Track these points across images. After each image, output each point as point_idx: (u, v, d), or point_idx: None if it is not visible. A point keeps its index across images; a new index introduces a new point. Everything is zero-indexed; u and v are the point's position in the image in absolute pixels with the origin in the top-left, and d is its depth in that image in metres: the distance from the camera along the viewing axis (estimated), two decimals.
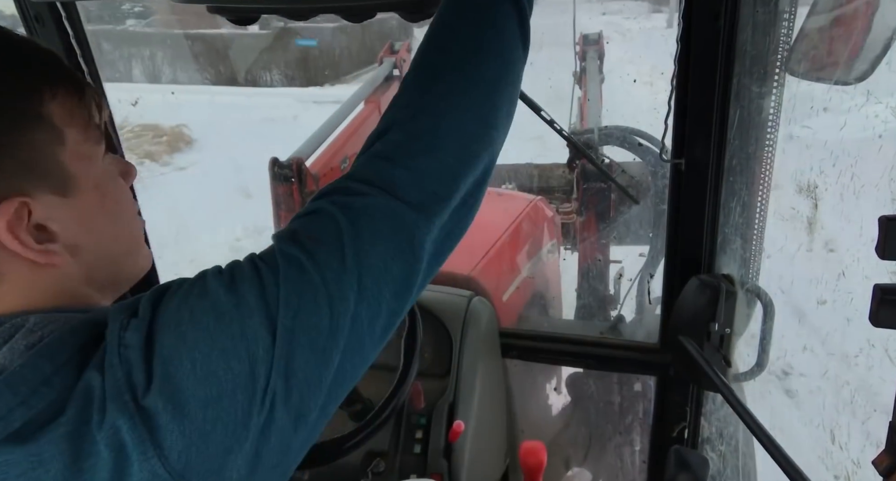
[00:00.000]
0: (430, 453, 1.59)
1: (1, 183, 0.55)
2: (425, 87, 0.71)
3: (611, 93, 4.16)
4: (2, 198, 0.55)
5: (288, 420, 0.57)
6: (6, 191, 0.55)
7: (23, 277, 0.59)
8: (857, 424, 3.33)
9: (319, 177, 2.95)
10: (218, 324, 0.56)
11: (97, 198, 0.63)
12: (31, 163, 0.56)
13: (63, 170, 0.59)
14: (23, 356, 0.53)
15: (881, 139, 3.90)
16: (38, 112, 0.57)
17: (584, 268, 3.11)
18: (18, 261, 0.58)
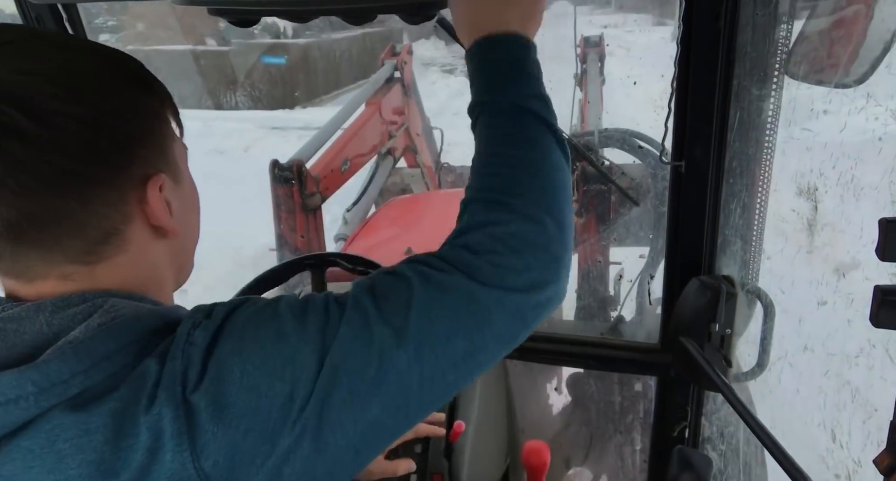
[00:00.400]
0: (430, 453, 1.60)
1: (151, 162, 0.68)
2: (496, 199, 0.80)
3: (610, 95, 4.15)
4: (153, 173, 0.68)
5: (314, 450, 0.61)
6: (154, 169, 0.69)
7: (141, 248, 0.69)
8: (858, 423, 3.33)
9: (320, 179, 2.96)
10: (275, 345, 0.62)
11: (191, 191, 0.78)
12: (163, 151, 0.71)
13: (176, 161, 0.73)
14: (93, 332, 0.60)
15: (881, 141, 3.91)
16: (164, 115, 0.72)
17: (585, 269, 3.11)
18: (145, 232, 0.69)
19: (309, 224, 2.96)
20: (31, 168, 0.59)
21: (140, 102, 0.68)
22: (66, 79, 0.62)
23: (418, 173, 4.20)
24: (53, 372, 0.56)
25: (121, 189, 0.65)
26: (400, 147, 3.87)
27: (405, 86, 4.08)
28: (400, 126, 3.85)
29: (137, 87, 0.69)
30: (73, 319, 0.61)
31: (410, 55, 4.19)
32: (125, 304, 0.64)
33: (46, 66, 0.62)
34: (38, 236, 0.62)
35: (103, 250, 0.66)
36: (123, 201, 0.66)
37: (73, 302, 0.63)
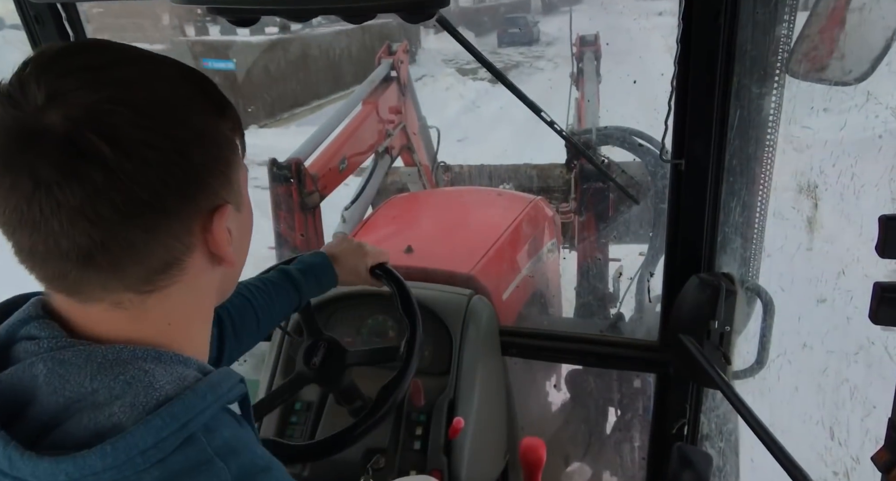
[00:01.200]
0: (429, 450, 1.60)
1: (218, 193, 0.67)
2: None
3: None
4: (220, 204, 0.68)
5: None
6: (221, 199, 0.68)
7: (195, 277, 0.69)
8: (857, 421, 3.33)
9: (318, 178, 2.95)
10: None
11: (249, 218, 0.78)
12: (231, 179, 0.70)
13: (240, 190, 0.73)
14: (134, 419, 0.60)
15: (881, 139, 3.91)
16: (234, 141, 0.71)
17: (584, 266, 3.12)
18: (202, 261, 0.69)
19: (308, 222, 2.96)
20: (108, 197, 0.59)
21: (214, 129, 0.67)
22: (149, 107, 0.61)
23: (415, 172, 4.20)
24: (89, 465, 0.57)
25: (187, 220, 0.65)
26: (397, 146, 3.87)
27: (402, 84, 4.07)
28: (397, 125, 3.84)
29: (213, 113, 0.68)
30: (116, 381, 0.61)
31: (407, 54, 4.18)
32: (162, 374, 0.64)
33: (134, 93, 0.61)
34: (104, 263, 0.61)
35: (160, 280, 0.66)
36: (188, 232, 0.66)
37: (120, 360, 0.63)
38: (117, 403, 0.60)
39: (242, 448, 0.66)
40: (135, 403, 0.60)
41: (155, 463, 0.59)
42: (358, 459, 1.56)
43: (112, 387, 0.61)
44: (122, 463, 0.57)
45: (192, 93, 0.67)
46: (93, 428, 0.59)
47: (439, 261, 2.04)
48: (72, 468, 0.56)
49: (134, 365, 0.63)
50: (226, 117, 0.70)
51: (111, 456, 0.57)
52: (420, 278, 1.89)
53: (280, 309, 1.35)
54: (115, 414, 0.59)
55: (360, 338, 1.83)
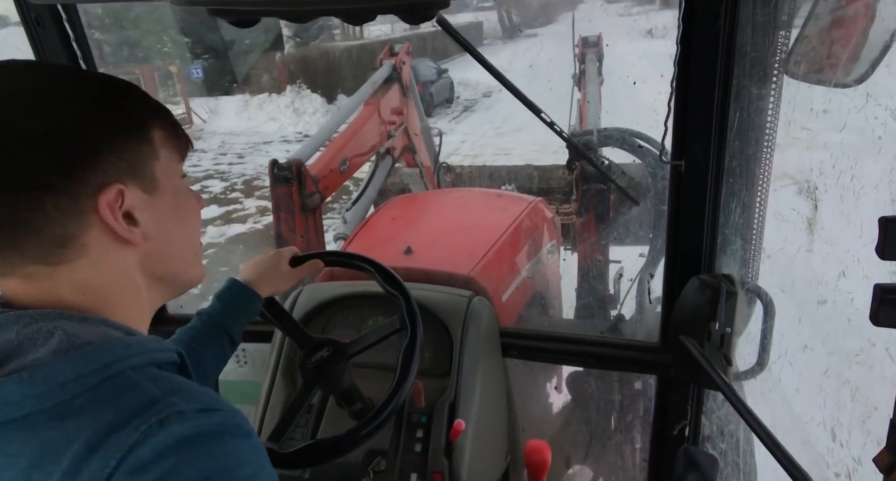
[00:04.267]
0: (430, 452, 1.60)
1: (111, 174, 0.72)
2: None
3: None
4: (108, 184, 0.72)
5: None
6: (112, 180, 0.72)
7: (102, 254, 0.74)
8: (858, 422, 3.33)
9: (319, 179, 2.95)
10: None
11: (171, 201, 0.82)
12: (133, 165, 0.75)
13: (152, 175, 0.78)
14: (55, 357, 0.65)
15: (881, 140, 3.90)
16: (147, 135, 0.78)
17: (584, 268, 3.12)
18: (105, 238, 0.74)
19: (308, 223, 2.96)
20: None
21: (106, 120, 0.73)
22: (38, 99, 0.69)
23: (417, 173, 4.20)
24: (7, 392, 0.62)
25: (75, 197, 0.70)
26: (398, 147, 3.87)
27: (403, 86, 4.08)
28: (398, 126, 3.85)
29: (108, 107, 0.74)
30: (38, 333, 0.67)
31: (408, 55, 4.19)
32: (86, 330, 0.69)
33: (25, 88, 0.69)
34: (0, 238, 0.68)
35: (62, 253, 0.71)
36: (79, 208, 0.71)
37: (44, 316, 0.69)
38: (41, 350, 0.66)
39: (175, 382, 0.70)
40: (57, 348, 0.66)
41: (77, 394, 0.63)
42: (359, 461, 1.56)
43: (35, 338, 0.66)
44: (41, 392, 0.62)
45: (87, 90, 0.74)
46: (16, 370, 0.64)
47: (439, 262, 2.04)
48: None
49: (57, 322, 0.68)
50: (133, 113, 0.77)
51: (28, 384, 0.62)
52: (420, 279, 1.89)
53: (214, 354, 1.30)
54: (39, 358, 0.65)
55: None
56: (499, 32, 28.94)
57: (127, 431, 0.61)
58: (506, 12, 29.62)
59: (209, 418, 0.64)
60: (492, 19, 29.15)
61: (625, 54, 8.10)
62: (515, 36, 27.82)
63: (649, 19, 20.93)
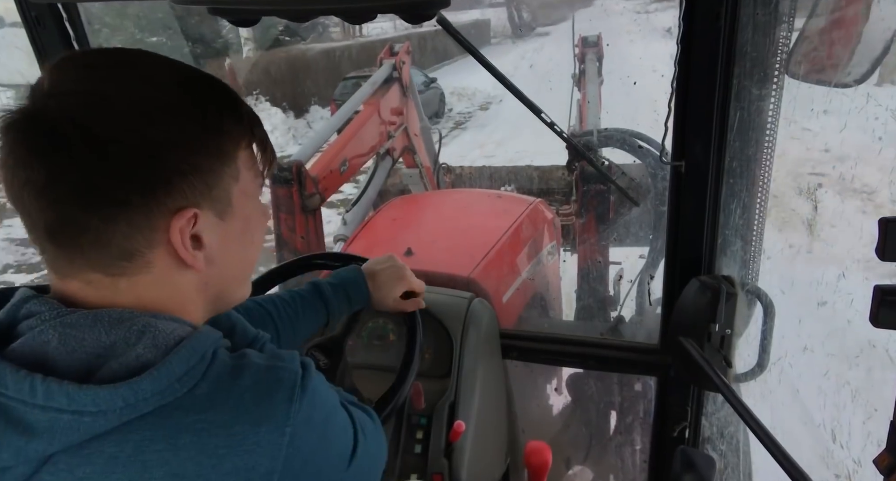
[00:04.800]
0: (430, 453, 1.59)
1: (188, 196, 0.70)
2: None
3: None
4: (184, 207, 0.70)
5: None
6: (189, 203, 0.71)
7: (165, 273, 0.73)
8: (858, 423, 3.33)
9: (319, 180, 2.95)
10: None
11: (242, 227, 0.80)
12: (211, 189, 0.73)
13: (228, 200, 0.76)
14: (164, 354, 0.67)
15: (881, 141, 3.90)
16: (232, 154, 0.75)
17: (584, 269, 3.11)
18: (169, 259, 0.72)
19: (308, 224, 2.96)
20: (68, 181, 0.65)
21: (196, 139, 0.71)
22: (129, 107, 0.67)
23: (416, 173, 4.19)
24: (142, 390, 0.64)
25: (149, 216, 0.69)
26: (398, 147, 3.86)
27: (403, 86, 4.07)
28: (398, 126, 3.84)
29: (200, 124, 0.71)
30: (129, 332, 0.68)
31: (409, 55, 4.18)
32: (170, 326, 0.71)
33: (119, 91, 0.67)
34: (65, 241, 0.68)
35: (126, 266, 0.70)
36: (150, 227, 0.69)
37: (125, 317, 0.69)
38: (138, 347, 0.67)
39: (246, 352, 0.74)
40: (156, 344, 0.68)
41: (193, 386, 0.67)
42: None
43: (128, 338, 0.67)
44: (164, 388, 0.65)
45: (183, 102, 0.71)
46: (125, 370, 0.65)
47: (439, 263, 2.04)
48: (128, 393, 0.63)
49: (139, 320, 0.69)
50: (221, 132, 0.73)
51: (158, 381, 0.65)
52: None
53: (305, 325, 1.31)
54: (141, 354, 0.67)
55: (360, 341, 1.82)
56: (508, 31, 27.45)
57: (281, 403, 0.69)
58: (516, 9, 27.58)
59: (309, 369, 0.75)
60: (501, 16, 27.77)
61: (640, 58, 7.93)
62: (526, 34, 26.38)
63: (668, 17, 19.80)
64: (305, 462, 0.70)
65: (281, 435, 0.68)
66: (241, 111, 0.76)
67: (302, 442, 0.69)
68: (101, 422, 0.63)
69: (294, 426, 0.69)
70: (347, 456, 0.78)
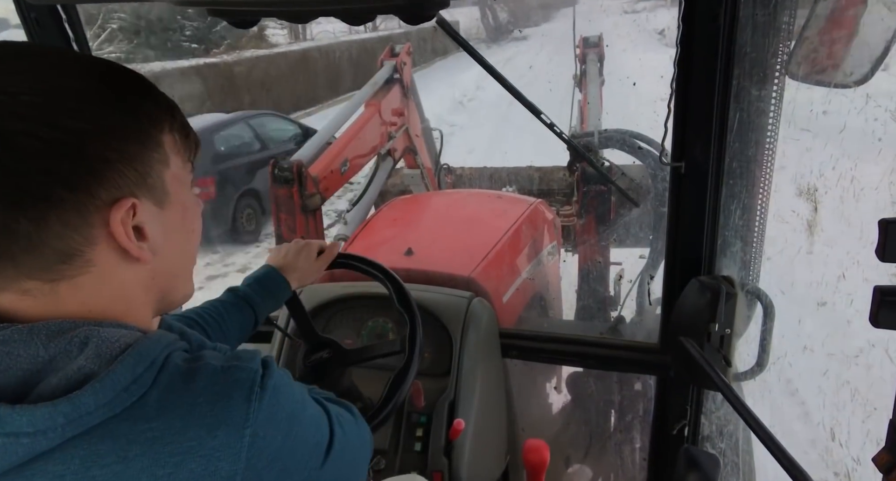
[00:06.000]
0: (430, 451, 1.60)
1: (122, 186, 0.67)
2: None
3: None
4: (121, 197, 0.67)
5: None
6: (124, 193, 0.67)
7: (107, 270, 0.69)
8: (858, 422, 3.33)
9: (319, 180, 2.96)
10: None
11: (181, 215, 0.77)
12: (144, 175, 0.70)
13: (163, 187, 0.73)
14: (109, 364, 0.63)
15: (881, 142, 3.90)
16: (157, 138, 0.71)
17: (585, 269, 3.12)
18: (112, 254, 0.69)
19: (309, 224, 2.96)
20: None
21: (118, 126, 0.67)
22: (39, 98, 0.62)
23: (417, 174, 4.20)
24: (84, 404, 0.60)
25: (82, 211, 0.65)
26: (399, 148, 3.87)
27: (404, 87, 4.08)
28: (399, 127, 3.84)
29: (119, 110, 0.68)
30: (70, 344, 0.64)
31: (410, 56, 4.19)
32: (116, 333, 0.67)
33: (23, 84, 0.63)
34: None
35: (64, 269, 0.66)
36: (85, 224, 0.65)
37: (65, 328, 0.65)
38: (80, 359, 0.63)
39: (202, 354, 0.70)
40: (99, 354, 0.64)
41: (143, 394, 0.63)
42: None
43: (69, 350, 0.63)
44: (111, 399, 0.61)
45: (96, 89, 0.67)
46: (65, 384, 0.61)
47: (439, 263, 2.05)
48: (69, 409, 0.59)
49: (81, 330, 0.65)
50: (143, 116, 0.70)
51: (101, 393, 0.61)
52: (420, 280, 1.89)
53: (234, 328, 1.33)
54: (84, 366, 0.62)
55: (360, 340, 1.83)
56: (482, 33, 23.81)
57: (238, 404, 0.66)
58: (489, 9, 24.20)
59: (270, 367, 0.72)
60: (473, 16, 24.07)
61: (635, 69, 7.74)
62: (502, 38, 23.78)
63: (658, 17, 18.49)
64: (271, 461, 0.68)
65: (240, 437, 0.65)
66: (157, 95, 0.73)
67: (265, 443, 0.67)
68: (42, 442, 0.59)
69: (254, 426, 0.66)
70: (321, 452, 0.76)
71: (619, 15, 19.25)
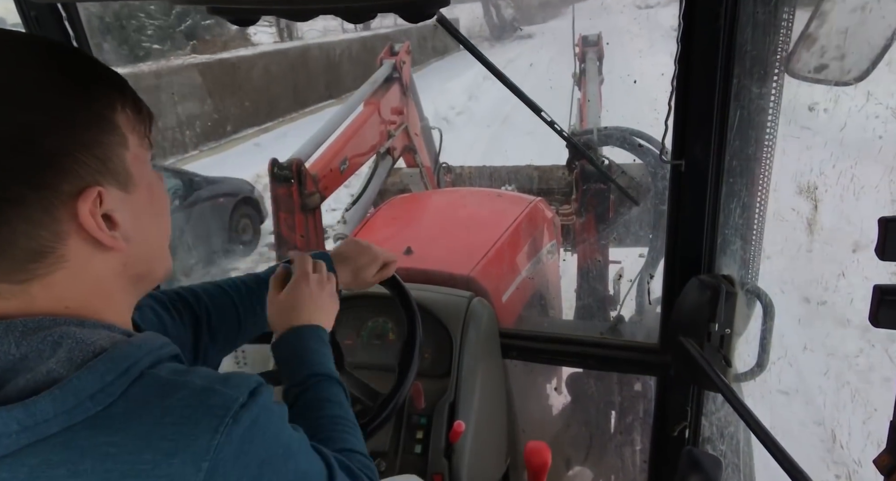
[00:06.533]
0: (430, 453, 1.60)
1: (84, 175, 0.64)
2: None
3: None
4: (85, 187, 0.64)
5: None
6: (88, 182, 0.65)
7: (81, 264, 0.67)
8: (858, 423, 3.33)
9: (319, 179, 2.95)
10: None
11: (148, 195, 0.74)
12: (104, 161, 0.66)
13: (126, 169, 0.69)
14: (76, 369, 0.60)
15: (881, 140, 3.90)
16: (111, 119, 0.67)
17: (584, 268, 3.11)
18: (85, 247, 0.66)
19: (308, 223, 2.95)
20: None
21: (72, 112, 0.64)
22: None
23: (417, 173, 4.19)
24: (40, 411, 0.57)
25: (47, 207, 0.62)
26: (399, 146, 3.86)
27: (403, 85, 4.07)
28: (399, 126, 3.84)
29: (71, 94, 0.65)
30: (43, 343, 0.61)
31: (409, 55, 4.18)
32: (92, 335, 0.64)
33: None
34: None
35: (35, 268, 0.64)
36: (52, 219, 0.63)
37: (43, 326, 0.63)
38: (51, 361, 0.60)
39: (195, 369, 0.66)
40: (70, 357, 0.61)
41: (109, 404, 0.59)
42: None
43: (41, 350, 0.61)
44: (73, 407, 0.58)
45: (44, 74, 0.64)
46: (31, 387, 0.58)
47: (439, 262, 2.04)
48: (23, 415, 0.56)
49: (58, 329, 0.63)
50: (94, 98, 0.66)
51: (60, 401, 0.57)
52: (420, 280, 1.88)
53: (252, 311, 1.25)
54: (53, 370, 0.60)
55: (360, 340, 1.83)
56: (485, 31, 22.05)
57: (203, 432, 0.61)
58: (494, 6, 22.37)
59: (258, 398, 0.66)
60: (476, 13, 22.18)
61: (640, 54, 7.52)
62: (506, 36, 21.88)
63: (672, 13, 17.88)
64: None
65: (196, 470, 0.59)
66: (105, 72, 0.70)
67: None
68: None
69: (215, 461, 0.60)
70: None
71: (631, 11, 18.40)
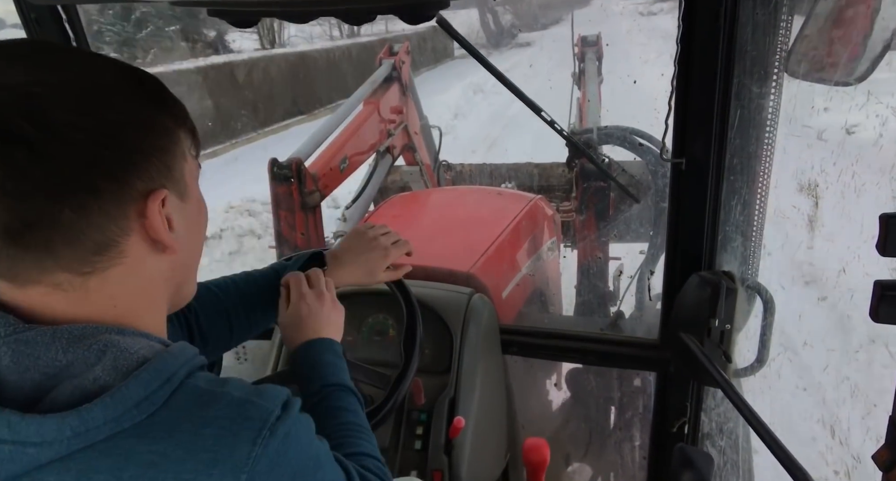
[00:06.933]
0: (430, 449, 1.60)
1: (155, 177, 0.70)
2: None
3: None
4: (155, 188, 0.69)
5: None
6: (157, 185, 0.70)
7: (137, 262, 0.71)
8: (857, 419, 3.34)
9: (318, 178, 2.95)
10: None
11: (197, 209, 0.80)
12: (171, 168, 0.72)
13: (184, 181, 0.75)
14: (123, 378, 0.63)
15: (882, 138, 3.90)
16: (177, 133, 0.74)
17: (584, 265, 3.12)
18: (143, 246, 0.71)
19: (308, 222, 2.96)
20: (32, 175, 0.60)
21: (150, 119, 0.70)
22: (78, 91, 0.64)
23: (417, 171, 4.19)
24: (92, 418, 0.59)
25: (121, 202, 0.67)
26: (398, 145, 3.86)
27: (403, 84, 4.07)
28: (398, 124, 3.84)
29: (149, 103, 0.71)
30: (89, 351, 0.64)
31: (408, 54, 4.18)
32: (134, 344, 0.67)
33: (61, 77, 0.64)
34: (34, 242, 0.63)
35: (97, 261, 0.67)
36: (123, 214, 0.67)
37: (87, 333, 0.65)
38: (97, 368, 0.63)
39: (229, 380, 0.70)
40: (116, 366, 0.64)
41: (153, 413, 0.62)
42: None
43: (87, 357, 0.63)
44: (120, 414, 0.60)
45: (127, 83, 0.70)
46: (80, 394, 0.61)
47: (439, 259, 2.04)
48: (77, 422, 0.59)
49: (102, 337, 0.65)
50: (165, 110, 0.73)
51: (111, 408, 0.60)
52: (420, 277, 1.89)
53: (260, 312, 1.27)
54: (100, 377, 0.62)
55: (360, 337, 1.83)
56: (482, 39, 20.79)
57: (243, 444, 0.64)
58: (490, 12, 21.58)
59: (290, 411, 0.70)
60: (472, 19, 21.00)
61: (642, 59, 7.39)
62: (504, 43, 21.21)
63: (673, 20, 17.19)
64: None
65: (235, 480, 0.63)
66: (171, 94, 0.76)
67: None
68: (47, 453, 0.59)
69: (251, 472, 0.63)
70: None
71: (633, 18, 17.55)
